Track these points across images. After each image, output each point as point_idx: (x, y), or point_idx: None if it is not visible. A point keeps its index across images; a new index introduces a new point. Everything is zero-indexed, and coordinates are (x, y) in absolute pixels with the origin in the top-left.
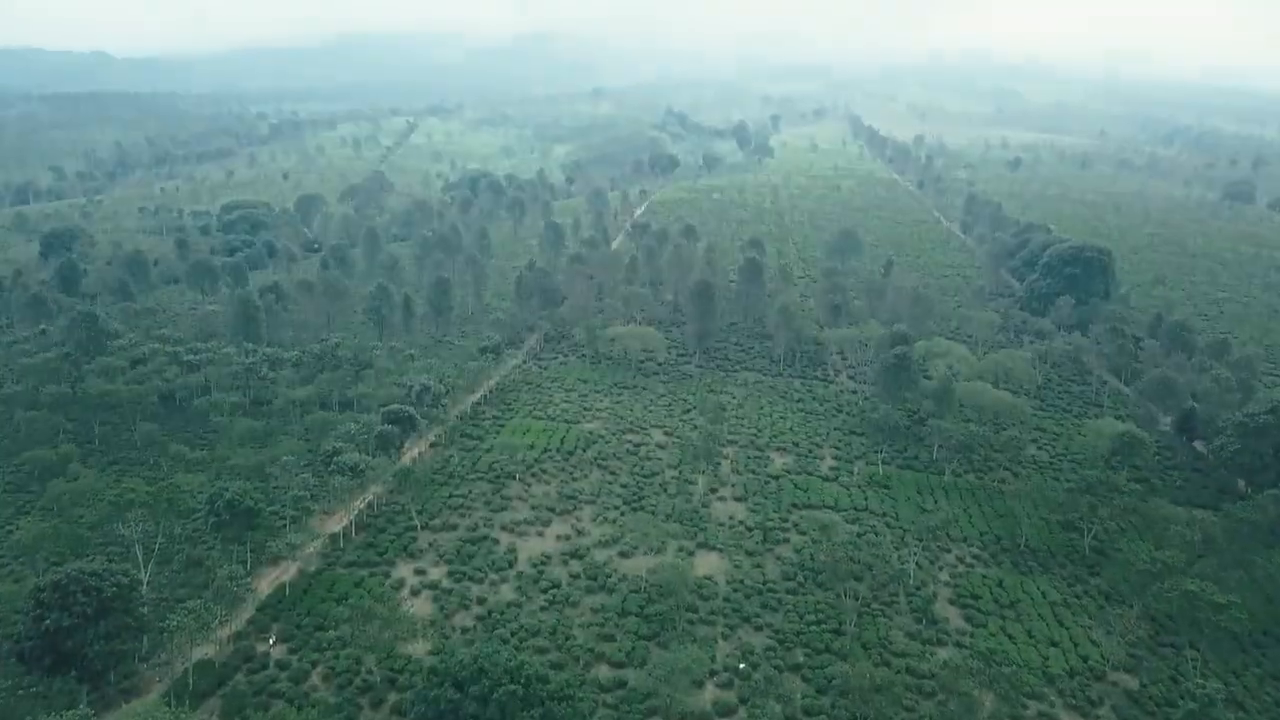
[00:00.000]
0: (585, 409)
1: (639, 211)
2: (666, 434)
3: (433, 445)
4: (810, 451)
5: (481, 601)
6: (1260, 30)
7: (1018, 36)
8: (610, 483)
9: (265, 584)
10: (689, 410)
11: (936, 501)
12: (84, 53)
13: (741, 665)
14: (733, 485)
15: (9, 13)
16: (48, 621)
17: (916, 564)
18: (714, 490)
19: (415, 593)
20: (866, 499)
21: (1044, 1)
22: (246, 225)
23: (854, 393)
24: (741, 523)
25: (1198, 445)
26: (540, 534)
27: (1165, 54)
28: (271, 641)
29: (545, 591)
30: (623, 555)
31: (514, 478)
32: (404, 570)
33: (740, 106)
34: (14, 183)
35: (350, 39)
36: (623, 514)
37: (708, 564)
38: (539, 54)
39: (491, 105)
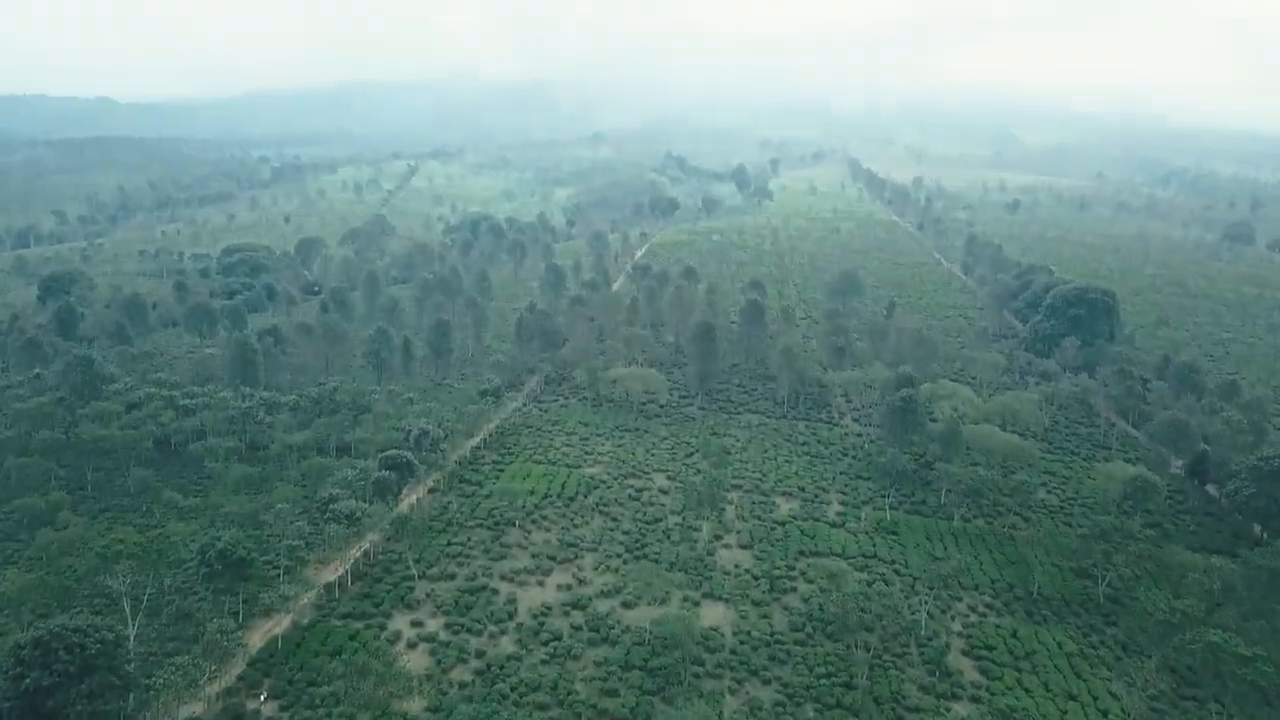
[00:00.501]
0: (586, 453)
1: (639, 253)
2: (669, 478)
3: (431, 491)
4: (816, 496)
5: (480, 655)
6: (1253, 75)
7: (1013, 81)
8: (612, 529)
9: (257, 637)
10: (692, 454)
11: (946, 548)
12: (89, 99)
13: None
14: (738, 531)
15: (15, 60)
16: (28, 680)
17: (928, 614)
18: (719, 537)
19: (412, 646)
20: (874, 545)
21: (1039, 46)
22: (246, 268)
23: (859, 436)
24: (748, 571)
25: (1210, 489)
26: (541, 583)
27: (1160, 98)
28: (262, 698)
29: (546, 644)
30: (626, 606)
31: (514, 524)
32: (400, 622)
33: (738, 150)
34: (16, 226)
35: (352, 86)
36: (625, 562)
37: (713, 614)
38: (539, 100)
39: (492, 150)
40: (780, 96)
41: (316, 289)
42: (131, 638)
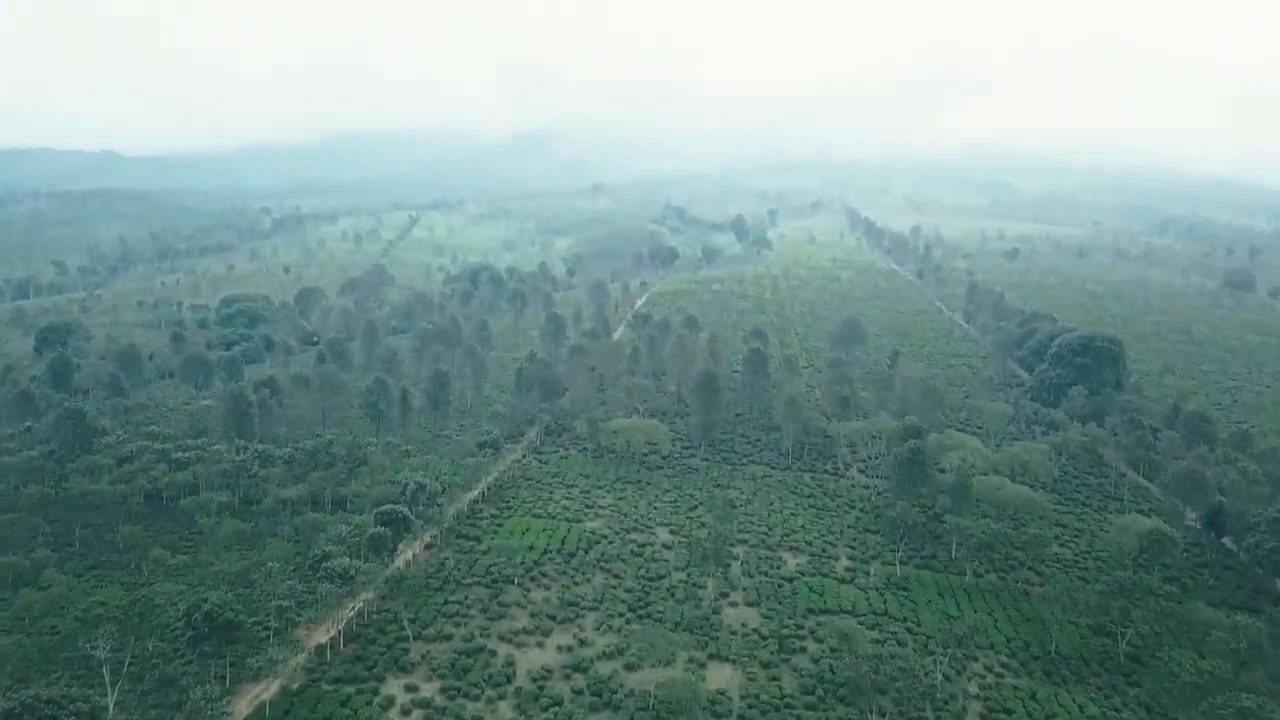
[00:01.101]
0: (587, 506)
1: (640, 302)
2: (673, 532)
3: (428, 547)
4: (824, 551)
5: None
6: (1244, 125)
7: (1007, 132)
8: (614, 587)
9: (244, 704)
10: (695, 507)
11: (959, 604)
12: (94, 152)
13: None
14: (744, 589)
15: (22, 115)
16: None
17: (943, 675)
18: (724, 595)
19: (405, 712)
20: (885, 602)
21: (1032, 99)
22: (244, 319)
23: (866, 487)
24: (755, 630)
25: (1227, 542)
26: (540, 644)
27: (1152, 148)
28: None
29: (546, 709)
30: (629, 668)
31: (512, 582)
32: (394, 686)
33: (736, 200)
34: (16, 277)
35: (353, 138)
36: (628, 622)
37: (720, 677)
38: (539, 151)
39: (493, 200)
40: (776, 149)
41: (315, 339)
42: (110, 706)
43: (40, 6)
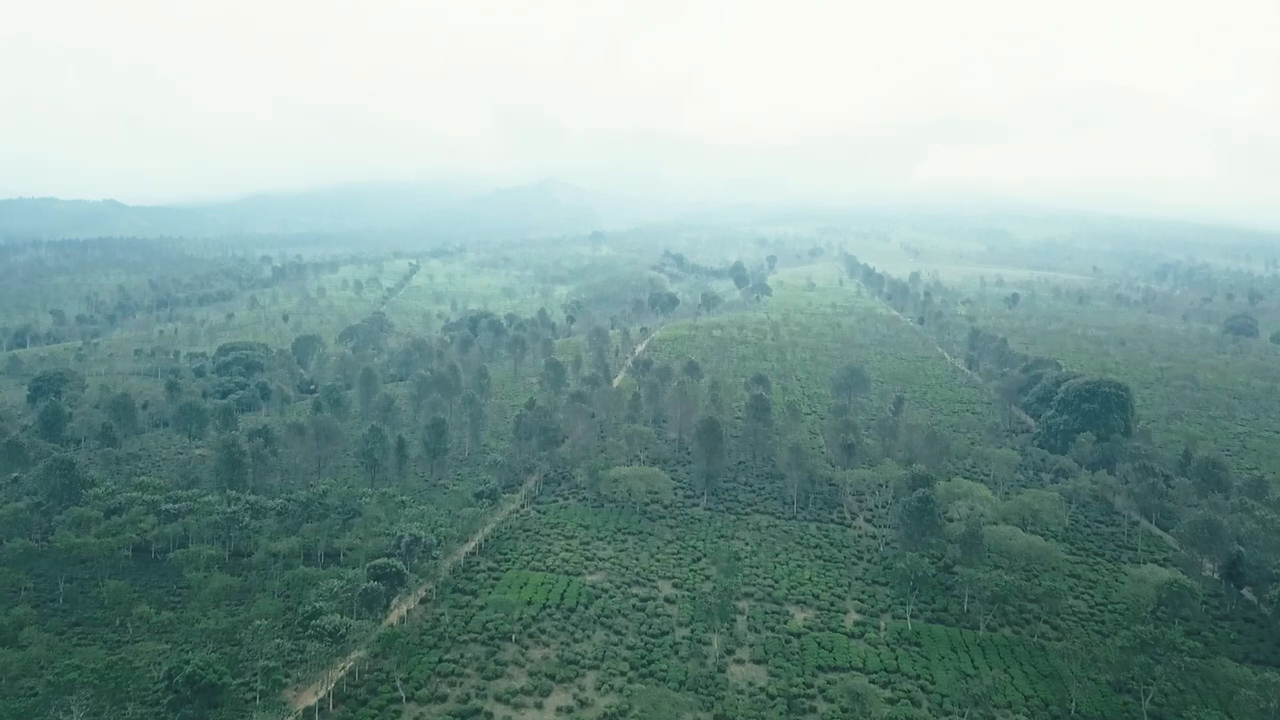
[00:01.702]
0: (587, 558)
1: (640, 348)
2: (676, 586)
3: (422, 602)
4: (832, 604)
5: None
6: (1235, 170)
7: (1003, 180)
8: (616, 644)
9: None
10: (699, 558)
11: (974, 661)
12: (97, 201)
13: None
14: (750, 645)
15: (24, 165)
16: None
17: None
18: (730, 651)
19: None
20: (897, 659)
21: (1026, 147)
22: (241, 367)
23: (873, 537)
24: (763, 689)
25: (1247, 593)
26: (539, 705)
27: (1147, 195)
28: None
29: None
30: None
31: (510, 639)
32: None
33: (735, 247)
34: (13, 326)
35: (355, 187)
36: (630, 681)
37: None
38: (540, 201)
39: (493, 248)
40: (774, 198)
41: (312, 387)
42: None
43: (46, 60)
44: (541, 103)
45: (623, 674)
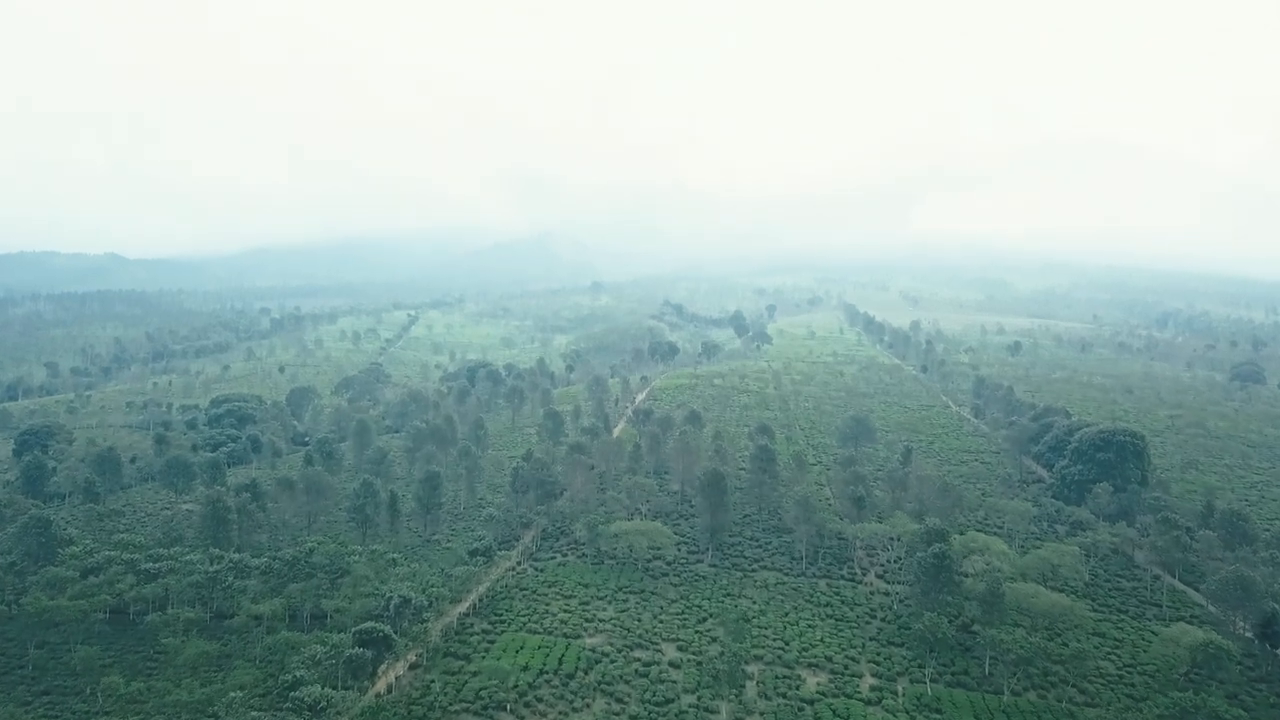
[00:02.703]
0: (586, 619)
1: (640, 397)
2: (680, 649)
3: (412, 668)
4: (846, 668)
5: None
6: (1229, 221)
7: (1000, 230)
8: (618, 713)
9: None
10: (705, 619)
11: None
12: (97, 254)
13: None
14: (761, 713)
15: (23, 219)
16: None
17: None
18: None
19: None
20: None
21: (1023, 198)
22: (233, 419)
23: (886, 594)
24: None
25: None
26: None
27: (1144, 243)
28: None
29: None
30: None
31: (505, 708)
32: None
33: (734, 297)
34: (6, 379)
35: (355, 239)
36: None
37: None
38: (539, 254)
39: (493, 299)
40: (771, 249)
41: (306, 440)
42: None
43: (49, 121)
44: (540, 159)
45: None
